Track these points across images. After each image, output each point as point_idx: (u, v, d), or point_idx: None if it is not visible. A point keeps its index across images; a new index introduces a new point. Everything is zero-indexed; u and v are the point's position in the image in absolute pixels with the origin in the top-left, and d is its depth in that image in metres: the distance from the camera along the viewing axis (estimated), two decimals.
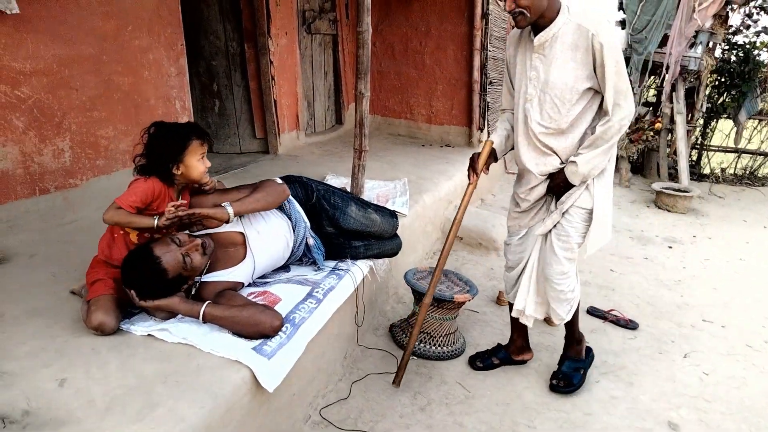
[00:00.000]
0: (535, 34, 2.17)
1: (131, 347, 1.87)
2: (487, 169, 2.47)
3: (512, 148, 2.47)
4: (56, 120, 2.96)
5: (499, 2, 6.08)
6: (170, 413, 1.57)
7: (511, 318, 2.67)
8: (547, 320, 2.66)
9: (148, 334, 1.93)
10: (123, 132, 3.38)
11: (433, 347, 2.81)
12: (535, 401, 2.51)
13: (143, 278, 1.92)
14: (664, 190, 5.79)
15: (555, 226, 2.34)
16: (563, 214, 2.31)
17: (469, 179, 2.46)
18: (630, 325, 3.21)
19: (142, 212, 2.09)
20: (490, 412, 2.42)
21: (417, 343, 2.82)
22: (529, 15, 2.06)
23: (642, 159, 7.10)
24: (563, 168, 2.25)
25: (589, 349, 2.71)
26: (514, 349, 2.74)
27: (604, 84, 2.09)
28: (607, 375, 2.73)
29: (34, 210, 2.91)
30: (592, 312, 3.35)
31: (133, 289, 1.95)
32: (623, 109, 2.10)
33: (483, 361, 2.72)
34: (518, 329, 2.71)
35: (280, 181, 2.44)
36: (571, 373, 2.59)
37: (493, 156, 2.47)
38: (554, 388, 2.56)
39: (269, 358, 1.86)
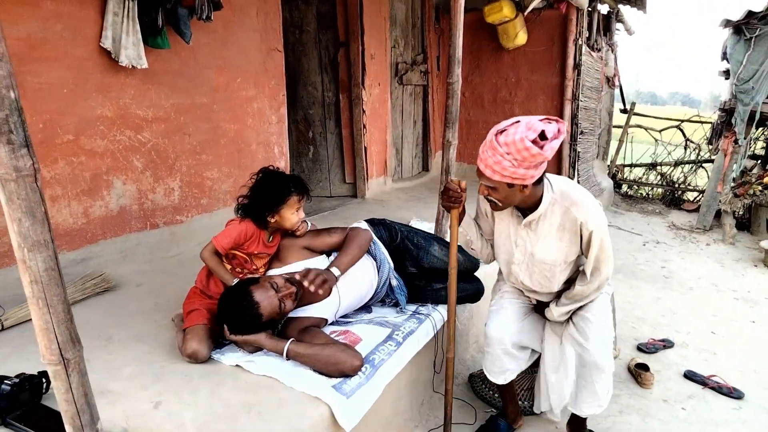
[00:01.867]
0: (520, 211, 2.14)
1: (220, 376, 1.97)
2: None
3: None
4: (170, 162, 3.27)
5: (592, 54, 6.03)
6: None
7: (499, 387, 2.52)
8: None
9: (236, 365, 2.03)
10: (226, 174, 3.65)
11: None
12: None
13: (238, 317, 2.02)
14: None
15: (583, 320, 2.21)
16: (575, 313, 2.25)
17: (450, 211, 2.20)
18: (734, 393, 2.94)
19: (235, 249, 2.25)
20: None
21: (496, 395, 2.75)
22: (501, 205, 2.04)
23: (749, 215, 6.59)
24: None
25: None
26: (513, 418, 2.57)
27: (587, 255, 2.09)
28: None
29: (145, 243, 3.19)
30: (690, 376, 3.10)
31: (226, 324, 2.06)
32: (602, 274, 2.09)
33: None
34: (512, 397, 2.56)
35: (365, 225, 2.52)
36: None
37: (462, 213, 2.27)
38: None
39: (348, 397, 1.89)
